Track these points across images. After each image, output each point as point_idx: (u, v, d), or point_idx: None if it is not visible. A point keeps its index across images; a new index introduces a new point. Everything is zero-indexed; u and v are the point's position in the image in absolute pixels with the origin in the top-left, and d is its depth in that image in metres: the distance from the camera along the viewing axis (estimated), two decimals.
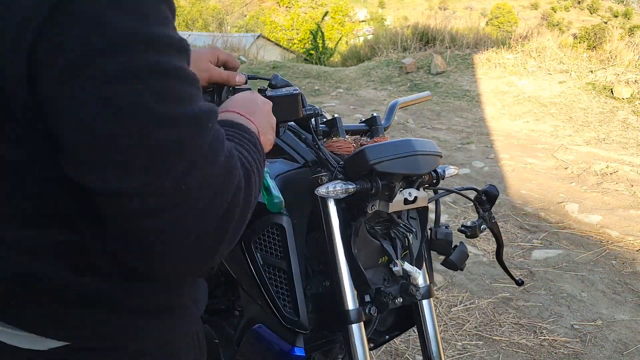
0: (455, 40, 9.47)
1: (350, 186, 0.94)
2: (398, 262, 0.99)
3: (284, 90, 0.98)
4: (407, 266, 0.99)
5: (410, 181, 1.00)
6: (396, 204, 0.98)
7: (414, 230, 1.05)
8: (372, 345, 1.18)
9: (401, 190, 0.99)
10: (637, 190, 4.09)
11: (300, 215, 1.03)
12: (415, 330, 1.14)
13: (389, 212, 0.99)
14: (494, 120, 6.25)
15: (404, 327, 1.20)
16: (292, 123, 1.07)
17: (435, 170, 1.04)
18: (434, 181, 1.05)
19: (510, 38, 9.34)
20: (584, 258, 3.09)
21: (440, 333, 2.42)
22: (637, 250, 3.18)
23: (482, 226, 1.08)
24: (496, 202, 1.15)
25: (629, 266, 3.00)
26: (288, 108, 0.97)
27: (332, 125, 1.12)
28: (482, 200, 1.10)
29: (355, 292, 0.98)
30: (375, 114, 1.25)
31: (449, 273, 2.86)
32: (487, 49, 8.82)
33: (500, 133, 5.72)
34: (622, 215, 3.66)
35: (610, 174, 4.43)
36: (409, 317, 1.15)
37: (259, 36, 19.56)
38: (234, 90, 1.00)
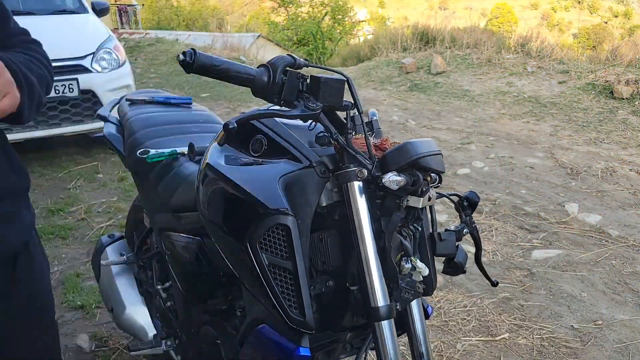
0: (455, 40, 9.47)
1: (402, 178, 0.96)
2: (412, 258, 1.00)
3: (333, 76, 1.03)
4: (419, 263, 1.00)
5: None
6: (424, 200, 1.00)
7: (420, 228, 1.06)
8: (374, 345, 1.18)
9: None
10: (637, 190, 4.10)
11: (305, 215, 1.03)
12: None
13: (420, 207, 1.00)
14: (494, 120, 6.26)
15: (405, 327, 1.20)
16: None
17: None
18: (437, 183, 1.06)
19: (510, 38, 9.35)
20: (584, 258, 3.10)
21: (440, 333, 2.43)
22: (637, 250, 3.18)
23: (464, 230, 1.10)
24: (496, 202, 1.15)
25: (629, 266, 3.01)
26: (334, 93, 1.00)
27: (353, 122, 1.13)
28: (464, 206, 1.11)
29: (386, 288, 0.99)
30: (374, 118, 1.27)
31: None
32: (487, 49, 8.82)
33: (500, 133, 5.72)
34: (622, 215, 3.67)
35: (610, 174, 4.44)
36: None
37: (258, 36, 19.53)
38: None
